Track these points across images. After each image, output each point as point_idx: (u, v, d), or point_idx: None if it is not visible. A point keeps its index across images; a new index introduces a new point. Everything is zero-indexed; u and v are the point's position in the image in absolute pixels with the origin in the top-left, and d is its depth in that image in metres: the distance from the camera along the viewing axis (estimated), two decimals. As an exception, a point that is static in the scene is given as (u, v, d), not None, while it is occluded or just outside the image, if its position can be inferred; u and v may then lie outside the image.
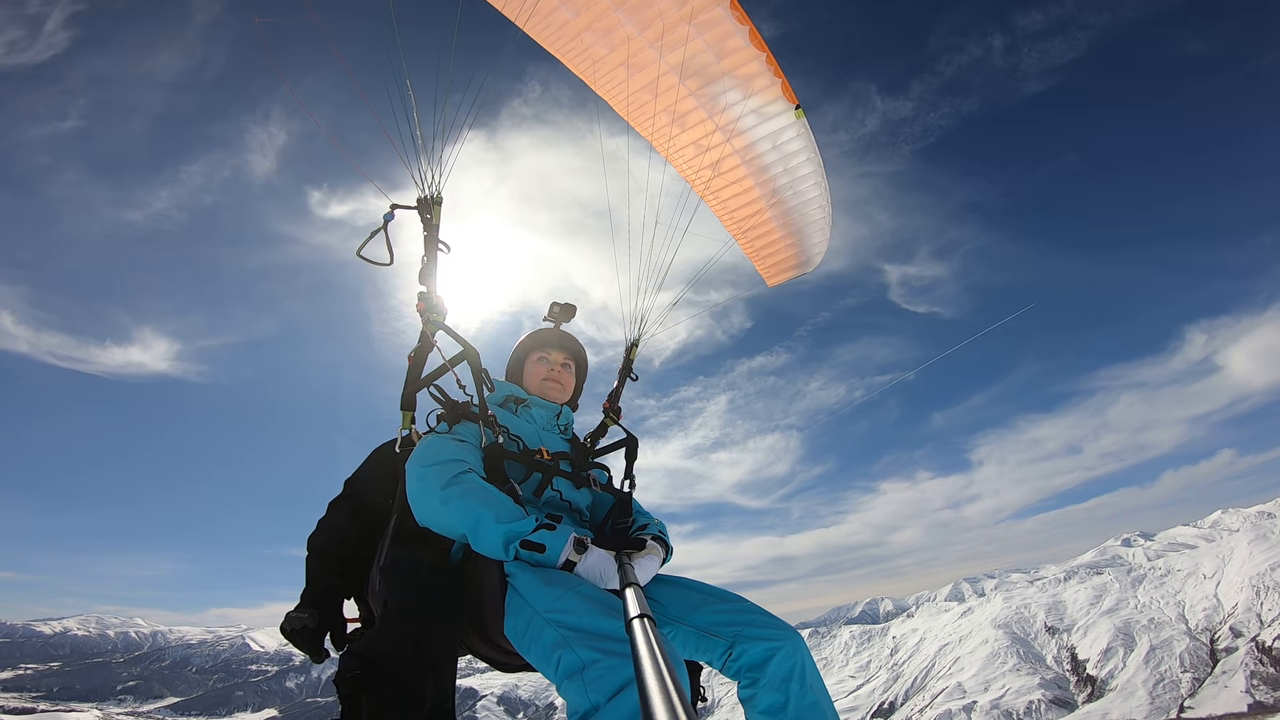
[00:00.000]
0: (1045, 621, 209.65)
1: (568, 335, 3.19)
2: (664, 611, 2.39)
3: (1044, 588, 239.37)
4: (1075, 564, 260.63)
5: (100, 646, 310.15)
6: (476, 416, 2.58)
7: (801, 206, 4.55)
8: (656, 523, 2.81)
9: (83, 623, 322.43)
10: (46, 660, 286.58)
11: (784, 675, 2.16)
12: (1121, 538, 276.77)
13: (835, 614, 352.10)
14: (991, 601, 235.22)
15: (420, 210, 3.07)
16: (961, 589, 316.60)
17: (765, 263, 4.92)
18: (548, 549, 2.09)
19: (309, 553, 2.68)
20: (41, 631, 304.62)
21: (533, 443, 2.70)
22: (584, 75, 4.09)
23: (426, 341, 2.77)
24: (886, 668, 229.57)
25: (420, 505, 2.24)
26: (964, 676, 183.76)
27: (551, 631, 1.85)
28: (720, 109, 4.11)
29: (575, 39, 3.92)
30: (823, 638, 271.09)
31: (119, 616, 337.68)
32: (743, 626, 2.27)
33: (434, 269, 2.95)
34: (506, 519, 2.10)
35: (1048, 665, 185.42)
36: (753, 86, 4.01)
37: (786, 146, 4.26)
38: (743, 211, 4.62)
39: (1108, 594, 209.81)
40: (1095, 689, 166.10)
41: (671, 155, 4.36)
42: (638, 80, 4.03)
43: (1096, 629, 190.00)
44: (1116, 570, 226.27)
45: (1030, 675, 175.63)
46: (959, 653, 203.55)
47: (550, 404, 2.96)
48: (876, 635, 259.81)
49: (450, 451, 2.34)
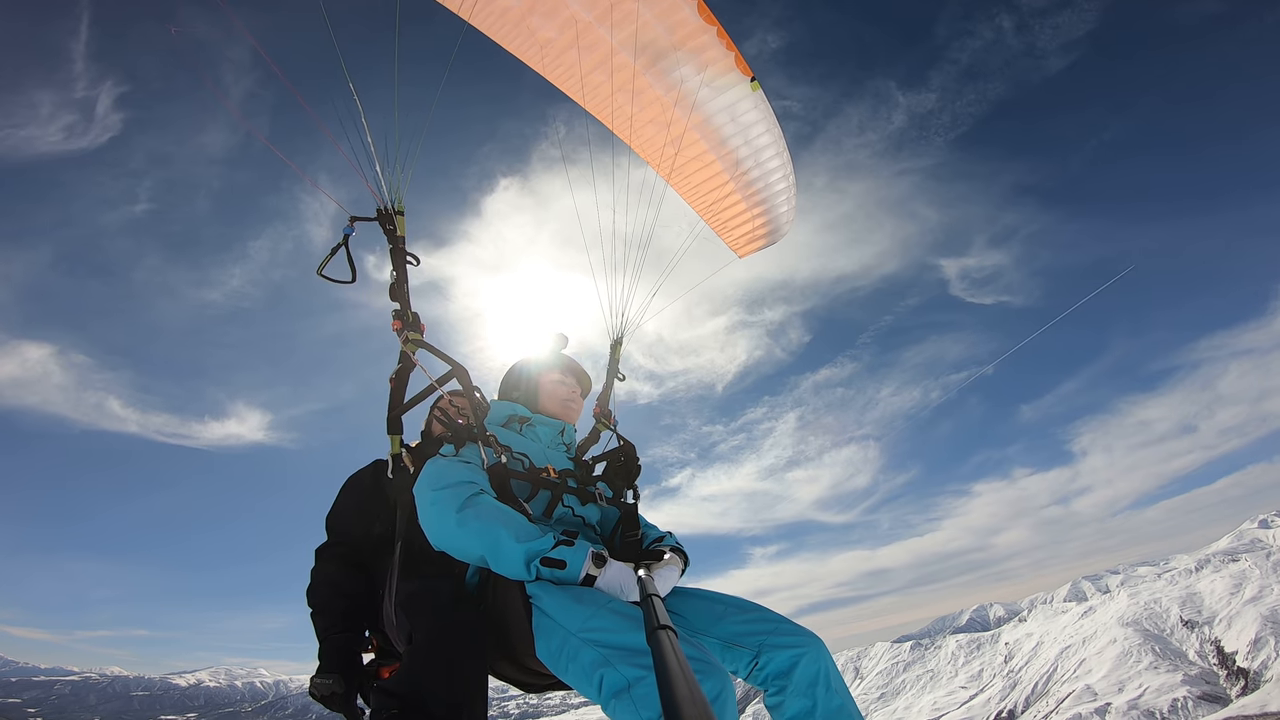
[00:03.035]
0: (1181, 615, 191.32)
1: (580, 365, 3.14)
2: (687, 624, 2.39)
3: (1174, 580, 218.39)
4: (1208, 552, 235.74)
5: (230, 697, 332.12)
6: (477, 437, 2.52)
7: (764, 176, 4.54)
8: (669, 535, 2.80)
9: (213, 674, 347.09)
10: (184, 711, 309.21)
11: (810, 680, 2.17)
12: (1258, 519, 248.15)
13: (939, 624, 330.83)
14: (1116, 599, 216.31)
15: (381, 222, 2.94)
16: (1082, 588, 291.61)
17: (732, 235, 4.91)
18: (568, 565, 2.08)
19: (312, 610, 2.76)
20: (178, 685, 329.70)
21: (539, 461, 2.66)
22: (534, 63, 4.05)
23: (408, 361, 2.70)
24: (1001, 675, 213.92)
25: (436, 530, 2.22)
26: (1093, 679, 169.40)
27: (590, 651, 1.84)
28: (676, 84, 4.07)
29: (520, 23, 3.85)
30: (925, 649, 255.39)
31: (245, 667, 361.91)
32: (767, 635, 2.28)
33: (405, 284, 2.84)
34: (526, 538, 2.09)
35: (1190, 660, 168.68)
36: (705, 60, 3.99)
37: (744, 118, 4.26)
38: (706, 186, 4.62)
39: (1248, 581, 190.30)
40: (1249, 681, 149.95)
41: (632, 137, 4.34)
42: (590, 60, 3.97)
43: (1241, 619, 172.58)
44: (1255, 555, 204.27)
45: (1171, 672, 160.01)
46: (1084, 654, 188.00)
47: (555, 421, 2.90)
48: (986, 643, 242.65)
49: (459, 474, 2.30)
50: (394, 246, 2.91)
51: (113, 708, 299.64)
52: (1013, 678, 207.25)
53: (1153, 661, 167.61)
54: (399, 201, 3.00)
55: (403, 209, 3.00)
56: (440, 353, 2.70)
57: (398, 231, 2.93)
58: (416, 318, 2.80)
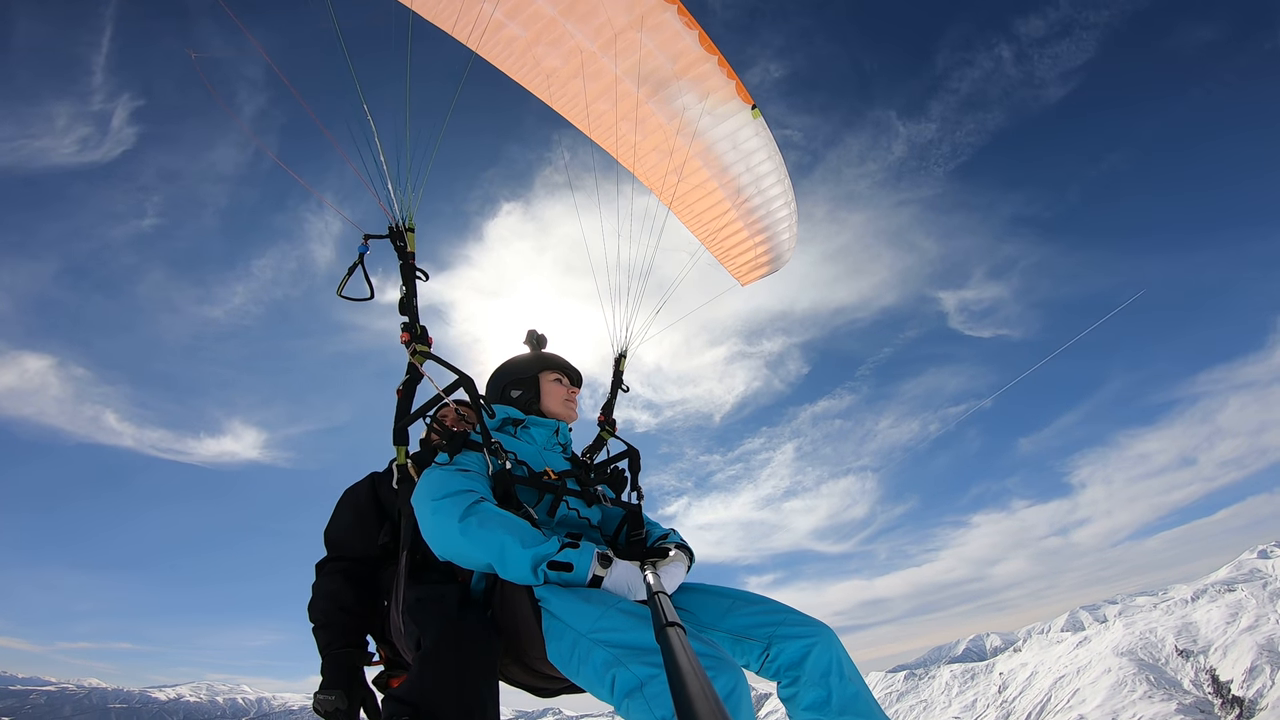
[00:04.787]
0: (1176, 645, 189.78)
1: (569, 362, 3.16)
2: (695, 619, 2.39)
3: (1170, 610, 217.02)
4: (1206, 582, 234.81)
5: (210, 712, 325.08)
6: (478, 445, 2.51)
7: (766, 204, 4.58)
8: (673, 532, 2.81)
9: (194, 689, 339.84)
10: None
11: (823, 670, 2.16)
12: (1258, 549, 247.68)
13: (935, 654, 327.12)
14: (1112, 628, 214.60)
15: (392, 239, 3.02)
16: (1079, 617, 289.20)
17: (735, 263, 4.92)
18: (575, 567, 2.09)
19: (314, 625, 2.74)
20: (157, 698, 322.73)
21: (536, 464, 2.66)
22: (539, 92, 4.11)
23: (415, 373, 2.75)
24: (995, 706, 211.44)
25: (439, 539, 2.22)
26: (1086, 709, 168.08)
27: (601, 651, 1.84)
28: (678, 112, 4.13)
29: (526, 53, 3.92)
30: (920, 679, 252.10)
31: (227, 684, 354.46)
32: (776, 626, 2.27)
33: (414, 298, 2.90)
34: (532, 543, 2.10)
35: (1185, 690, 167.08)
36: (707, 88, 4.05)
37: (745, 145, 4.31)
38: (709, 214, 4.65)
39: (1244, 611, 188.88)
40: (1244, 710, 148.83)
41: (636, 165, 4.39)
42: (594, 89, 4.05)
43: (1237, 648, 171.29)
44: (1253, 585, 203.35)
45: (1165, 701, 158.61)
46: (1078, 684, 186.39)
47: (549, 421, 2.92)
48: (981, 673, 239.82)
49: (457, 483, 2.30)
50: (404, 262, 2.99)
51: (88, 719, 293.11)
52: (1006, 708, 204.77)
53: (1147, 691, 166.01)
54: (410, 219, 3.09)
55: (413, 226, 3.09)
56: (447, 364, 2.73)
57: (408, 248, 3.02)
58: (424, 331, 2.85)
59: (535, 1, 3.70)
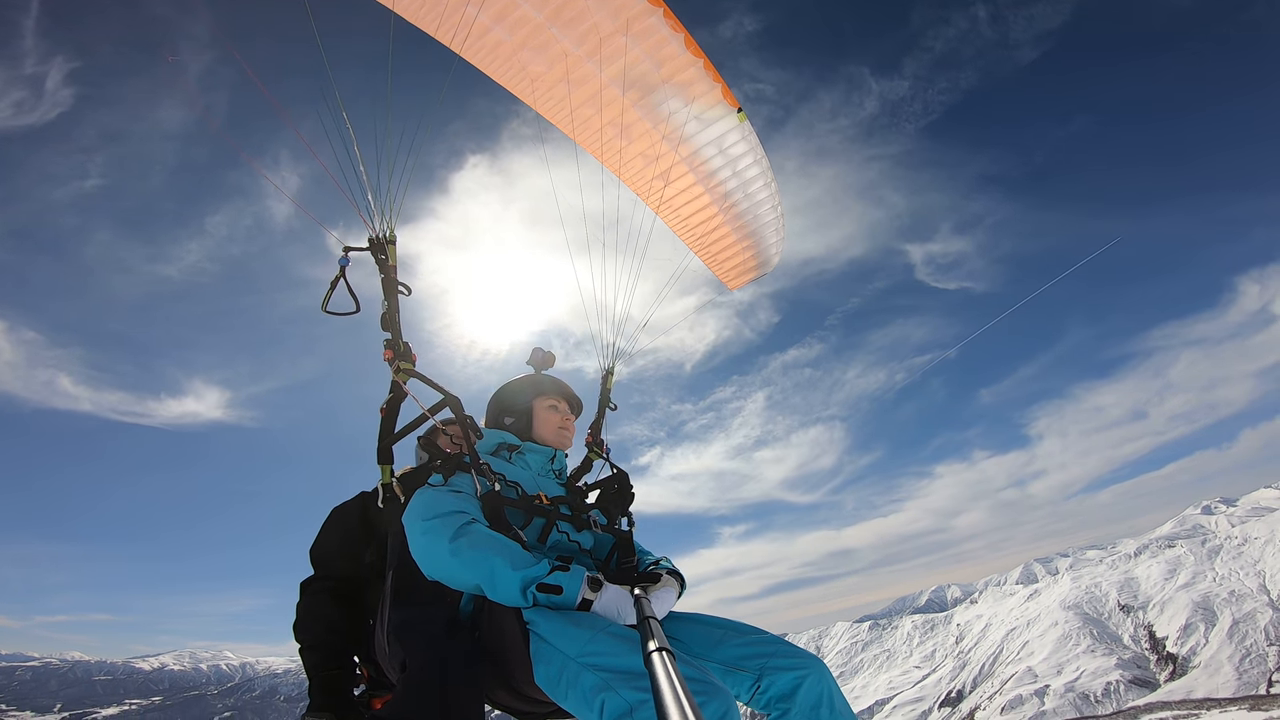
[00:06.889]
0: (1119, 600, 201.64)
1: (568, 386, 3.13)
2: (686, 649, 2.38)
3: (1115, 565, 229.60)
4: (1150, 537, 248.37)
5: (195, 680, 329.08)
6: (469, 466, 2.51)
7: (753, 209, 4.59)
8: (665, 559, 2.81)
9: (178, 658, 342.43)
10: (148, 695, 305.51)
11: (813, 702, 2.17)
12: (1201, 505, 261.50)
13: (900, 605, 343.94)
14: (1061, 582, 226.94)
15: (373, 251, 2.91)
16: (1033, 570, 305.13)
17: (723, 267, 4.95)
18: (565, 590, 2.08)
19: (301, 645, 2.75)
20: (141, 668, 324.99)
21: (530, 489, 2.64)
22: (525, 96, 4.09)
23: (399, 391, 2.69)
24: (952, 656, 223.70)
25: (429, 560, 2.21)
26: (1034, 661, 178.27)
27: (590, 675, 1.82)
28: (664, 117, 4.12)
29: (511, 58, 3.89)
30: (884, 629, 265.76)
31: (210, 650, 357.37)
32: (768, 658, 2.27)
33: (397, 313, 2.82)
34: (521, 565, 2.08)
35: (1124, 645, 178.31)
36: (693, 92, 4.04)
37: (732, 150, 4.31)
38: (696, 219, 4.65)
39: (1182, 567, 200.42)
40: (1177, 667, 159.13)
41: (622, 170, 4.37)
42: (580, 95, 4.03)
43: (1174, 605, 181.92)
44: (1191, 542, 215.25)
45: (1106, 656, 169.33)
46: (1027, 637, 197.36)
47: (545, 449, 2.89)
48: (940, 624, 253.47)
49: (449, 504, 2.30)
50: (385, 276, 2.88)
51: (75, 693, 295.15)
52: (962, 658, 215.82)
53: (1090, 645, 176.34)
54: (391, 231, 2.98)
55: (394, 238, 2.98)
56: (432, 382, 2.69)
57: (389, 261, 2.91)
58: (408, 347, 2.77)
59: (521, 6, 3.65)
